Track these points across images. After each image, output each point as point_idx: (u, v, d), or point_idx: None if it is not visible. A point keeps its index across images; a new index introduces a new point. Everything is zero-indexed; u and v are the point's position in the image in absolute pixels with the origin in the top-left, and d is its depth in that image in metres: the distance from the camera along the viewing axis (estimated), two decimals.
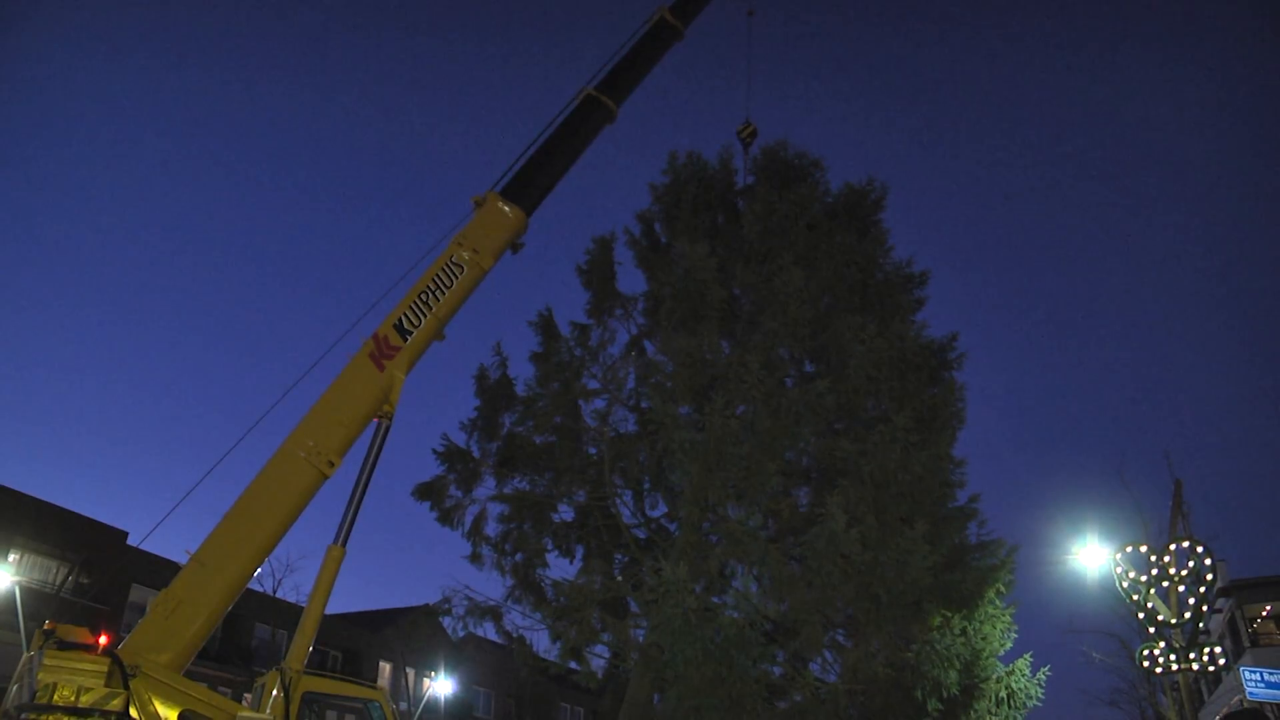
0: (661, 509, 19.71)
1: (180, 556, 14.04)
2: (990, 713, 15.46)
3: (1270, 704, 33.80)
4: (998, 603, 15.96)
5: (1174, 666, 16.16)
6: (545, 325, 20.08)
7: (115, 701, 11.65)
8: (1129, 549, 16.88)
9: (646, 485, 19.65)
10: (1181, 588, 16.27)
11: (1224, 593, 38.28)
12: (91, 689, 11.52)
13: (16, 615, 26.44)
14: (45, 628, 12.41)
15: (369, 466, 15.79)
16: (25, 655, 12.70)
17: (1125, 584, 16.59)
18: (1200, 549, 16.45)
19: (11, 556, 32.58)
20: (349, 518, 15.34)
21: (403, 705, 45.55)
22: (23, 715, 11.27)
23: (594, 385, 19.82)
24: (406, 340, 16.32)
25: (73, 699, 11.36)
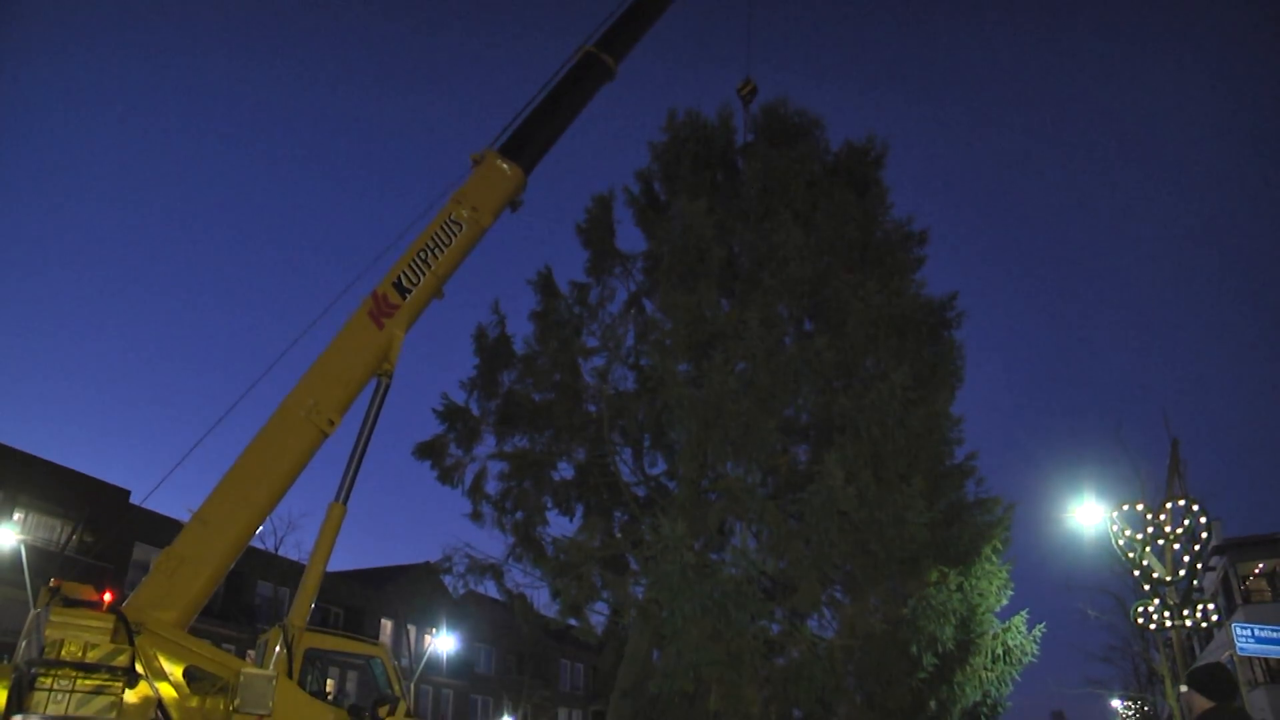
0: (661, 466, 19.82)
1: (182, 515, 14.14)
2: (986, 668, 15.59)
3: (1260, 659, 34.17)
4: (994, 559, 16.04)
5: (1167, 623, 16.31)
6: (544, 284, 20.05)
7: (121, 658, 11.78)
8: (1125, 507, 16.99)
9: (646, 443, 19.73)
10: (1176, 546, 16.39)
11: (1218, 551, 38.64)
12: (98, 645, 11.65)
13: (23, 573, 26.68)
14: (51, 585, 12.52)
15: (369, 424, 15.85)
16: (32, 612, 12.82)
17: (1121, 542, 16.70)
18: (1195, 508, 16.56)
19: (16, 515, 32.82)
20: (349, 476, 15.43)
21: (404, 661, 46.00)
22: (32, 670, 11.40)
23: (593, 343, 19.83)
24: (405, 298, 16.31)
25: (80, 655, 11.49)
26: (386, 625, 50.23)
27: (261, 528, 16.63)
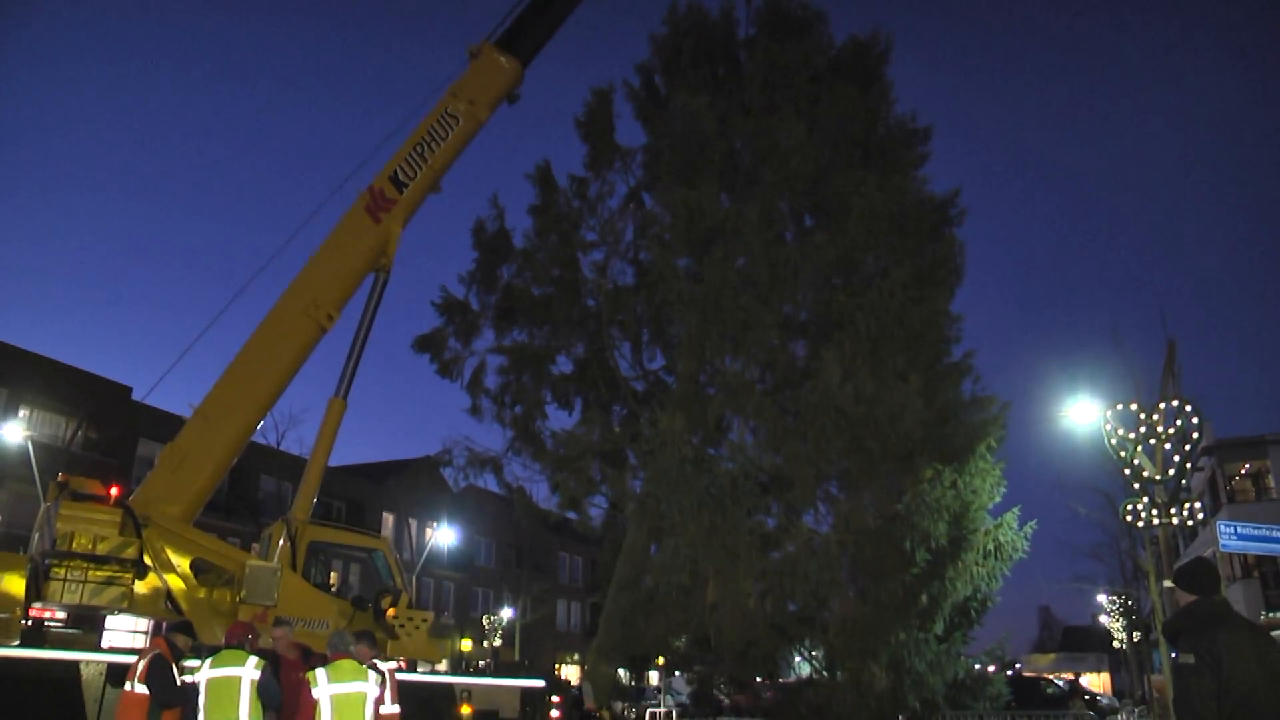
0: (660, 361, 19.91)
1: (185, 411, 14.22)
2: (977, 564, 15.85)
3: (1239, 555, 34.87)
4: (988, 457, 16.19)
5: (1155, 521, 16.51)
6: (543, 178, 19.83)
7: (130, 550, 12.00)
8: (1119, 407, 17.06)
9: (645, 337, 19.78)
10: (1167, 446, 16.48)
11: (1206, 452, 39.09)
12: (107, 538, 11.84)
13: (31, 469, 26.97)
14: (59, 480, 12.68)
15: (368, 319, 15.87)
16: (43, 506, 13.01)
17: (1114, 441, 16.80)
18: (1189, 409, 16.65)
19: (21, 413, 33.04)
20: (349, 370, 15.50)
21: (406, 555, 46.82)
22: (46, 561, 11.62)
23: (592, 237, 19.75)
24: (402, 193, 16.18)
25: (90, 547, 11.70)
26: (388, 519, 50.94)
27: (263, 423, 16.79)
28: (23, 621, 11.58)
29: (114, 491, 12.46)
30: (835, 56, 19.43)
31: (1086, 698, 35.51)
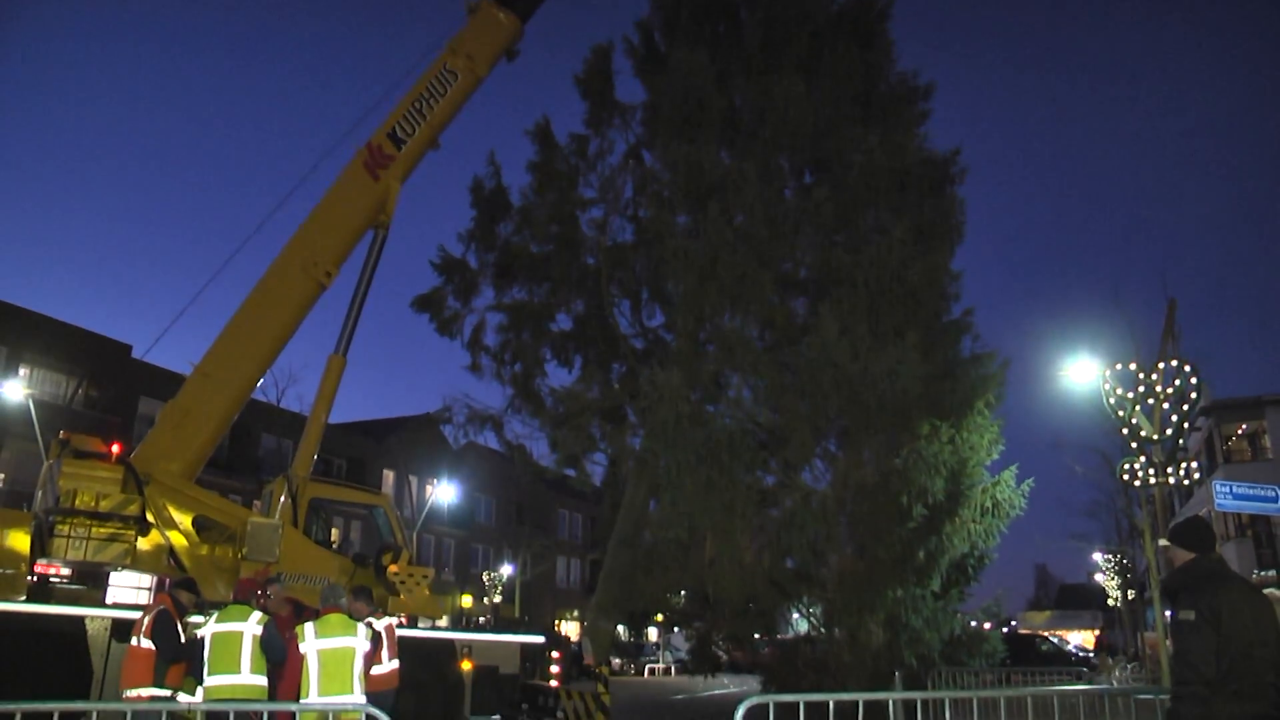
0: (659, 318, 19.89)
1: (185, 369, 14.26)
2: (974, 521, 15.89)
3: (1233, 515, 35.09)
4: (986, 414, 16.21)
5: (1151, 480, 16.56)
6: (542, 135, 19.70)
7: (132, 507, 12.08)
8: (1118, 366, 17.06)
9: (644, 295, 19.75)
10: (1165, 405, 16.50)
11: (1204, 412, 39.26)
12: (109, 495, 11.91)
13: (33, 427, 27.07)
14: (61, 437, 12.74)
15: (367, 276, 15.88)
16: (46, 463, 13.08)
17: (1112, 400, 16.82)
18: (1187, 369, 16.65)
19: (21, 371, 33.09)
20: (348, 327, 15.54)
21: (406, 512, 47.06)
22: (50, 518, 11.70)
23: (591, 195, 19.66)
24: (400, 149, 16.13)
25: (93, 504, 11.78)
26: (388, 476, 51.19)
27: (263, 380, 16.82)
28: (28, 578, 11.68)
29: (115, 449, 12.54)
30: (836, 13, 19.20)
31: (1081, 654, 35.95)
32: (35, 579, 11.85)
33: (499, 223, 19.72)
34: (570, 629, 56.04)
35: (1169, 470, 16.50)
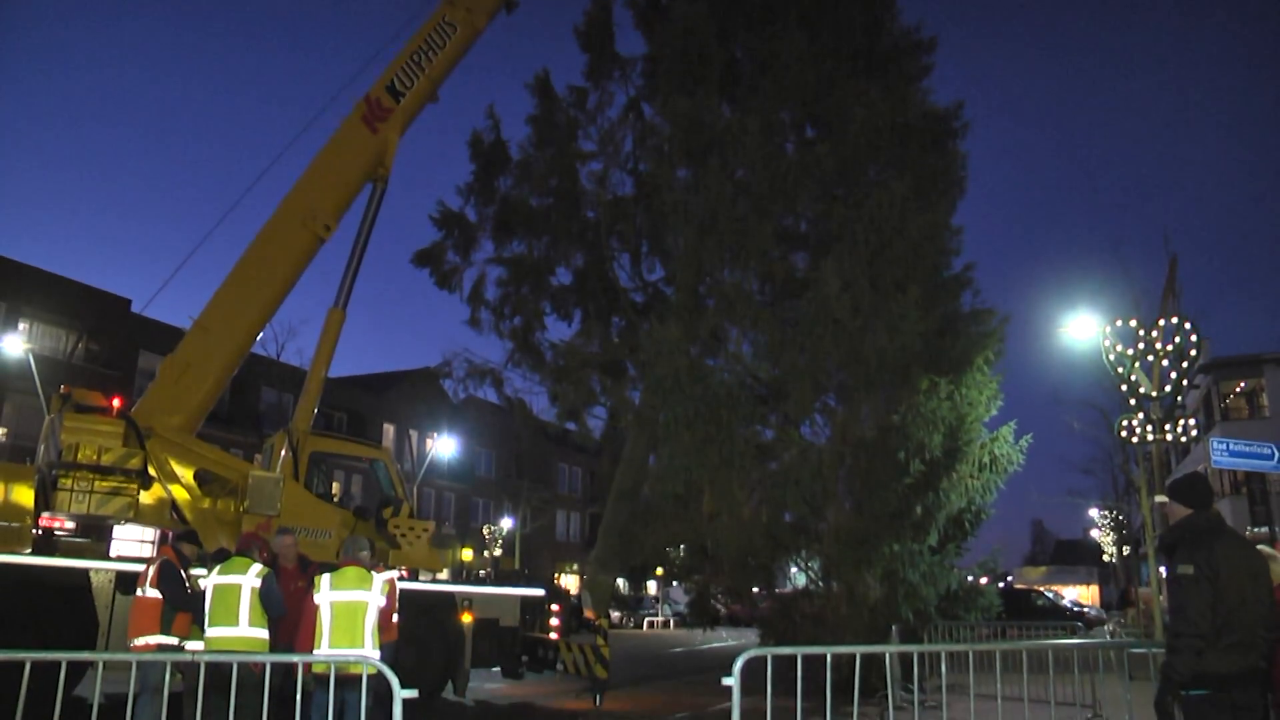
0: (659, 272, 19.83)
1: (184, 322, 14.28)
2: (972, 476, 15.91)
3: (1228, 471, 35.23)
4: (986, 370, 16.18)
5: (1149, 436, 16.64)
6: (542, 87, 19.51)
7: (134, 461, 12.13)
8: (1118, 323, 17.06)
9: (644, 249, 19.68)
10: (1165, 362, 16.53)
11: (1203, 369, 39.35)
12: (111, 449, 11.95)
13: (34, 381, 27.15)
14: (61, 391, 12.76)
15: (366, 229, 15.85)
16: (47, 418, 13.11)
17: (1112, 357, 16.85)
18: (1188, 326, 16.65)
19: (21, 326, 33.10)
20: (348, 281, 15.53)
21: (407, 466, 47.31)
22: (54, 472, 11.75)
23: (591, 148, 19.51)
24: (399, 102, 16.04)
25: (94, 458, 11.83)
26: (389, 430, 51.41)
27: (262, 334, 16.83)
28: (34, 531, 11.76)
29: (116, 403, 12.57)
30: None
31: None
32: (40, 532, 11.94)
33: (498, 176, 19.60)
34: (570, 582, 56.51)
35: (1167, 427, 16.56)
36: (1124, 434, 16.96)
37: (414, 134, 16.56)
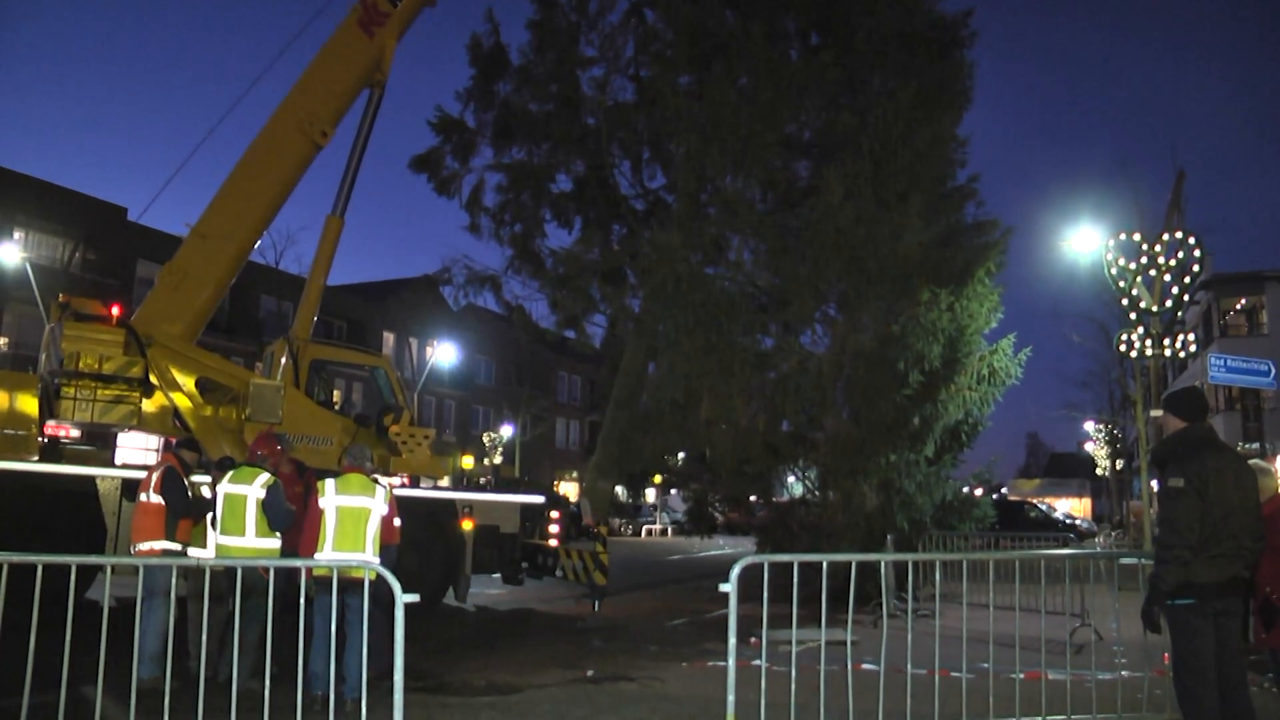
0: (660, 180, 19.66)
1: (181, 230, 14.16)
2: (970, 388, 15.95)
3: (1224, 388, 35.41)
4: (987, 282, 16.11)
5: (1148, 351, 16.61)
6: None
7: (135, 369, 12.14)
8: (1121, 237, 16.92)
9: (645, 155, 19.48)
10: (1167, 277, 16.43)
11: (1203, 285, 39.17)
12: (112, 357, 11.96)
13: (32, 290, 27.11)
14: (60, 300, 12.71)
15: (363, 135, 15.65)
16: (47, 327, 13.10)
17: (1114, 270, 16.74)
18: (1191, 241, 16.52)
19: (16, 235, 32.87)
20: (346, 187, 15.38)
21: (407, 373, 47.46)
22: (56, 380, 11.78)
23: (591, 53, 19.19)
24: (396, 5, 15.68)
25: (96, 366, 11.83)
26: (388, 338, 51.43)
27: (261, 241, 16.74)
28: (39, 439, 11.85)
29: (115, 311, 12.52)
30: None
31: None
32: (46, 440, 12.04)
33: (498, 82, 19.31)
34: (569, 489, 57.18)
35: (1166, 342, 16.55)
36: (1123, 348, 16.94)
37: (412, 38, 16.23)
